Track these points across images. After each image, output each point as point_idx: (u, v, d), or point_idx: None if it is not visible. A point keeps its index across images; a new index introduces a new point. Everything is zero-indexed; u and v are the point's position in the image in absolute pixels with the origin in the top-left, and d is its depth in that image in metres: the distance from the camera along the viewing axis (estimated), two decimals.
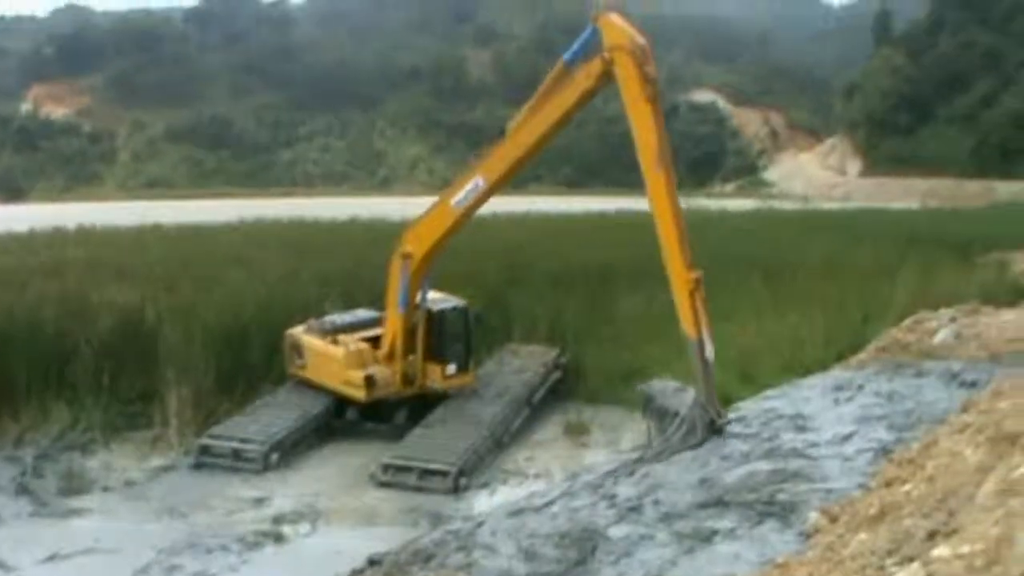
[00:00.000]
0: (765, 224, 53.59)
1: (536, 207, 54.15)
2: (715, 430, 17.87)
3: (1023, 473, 7.82)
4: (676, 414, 18.40)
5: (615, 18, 19.93)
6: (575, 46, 20.59)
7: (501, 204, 23.85)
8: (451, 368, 25.48)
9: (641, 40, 19.26)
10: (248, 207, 54.50)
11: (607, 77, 19.85)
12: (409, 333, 24.61)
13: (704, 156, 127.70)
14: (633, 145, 19.16)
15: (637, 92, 19.04)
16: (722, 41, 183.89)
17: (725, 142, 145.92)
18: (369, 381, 24.13)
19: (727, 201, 75.19)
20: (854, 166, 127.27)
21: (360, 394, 24.31)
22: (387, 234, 31.12)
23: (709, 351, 18.31)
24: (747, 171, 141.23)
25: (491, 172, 22.61)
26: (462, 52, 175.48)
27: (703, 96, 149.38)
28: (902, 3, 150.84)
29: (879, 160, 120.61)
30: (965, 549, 7.02)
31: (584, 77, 20.35)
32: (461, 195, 22.95)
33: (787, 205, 77.98)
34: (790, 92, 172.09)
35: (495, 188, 22.84)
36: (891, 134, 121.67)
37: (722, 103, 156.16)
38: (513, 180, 24.40)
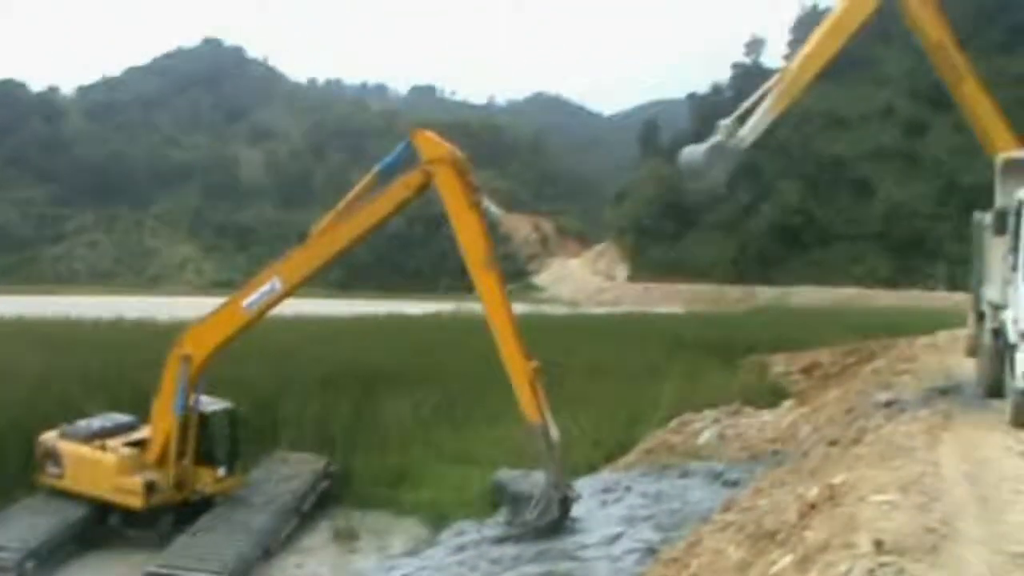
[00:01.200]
0: (535, 328, 54.26)
1: (306, 309, 53.57)
2: (567, 506, 18.83)
3: (781, 568, 8.07)
4: (530, 497, 19.13)
5: (430, 134, 20.97)
6: (389, 158, 21.52)
7: None
8: (221, 472, 24.85)
9: (459, 153, 20.51)
10: (9, 304, 52.54)
11: (424, 188, 20.73)
12: (182, 436, 23.90)
13: None
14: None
15: (462, 201, 20.25)
16: (493, 147, 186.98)
17: (495, 247, 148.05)
18: (150, 487, 23.15)
19: None
20: (622, 271, 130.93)
21: (137, 501, 23.11)
22: (154, 334, 30.32)
23: (554, 433, 19.23)
24: (517, 276, 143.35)
25: (290, 275, 22.56)
26: (234, 151, 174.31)
27: None
28: (668, 114, 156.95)
29: (646, 266, 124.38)
30: None
31: (402, 187, 21.08)
32: (254, 296, 22.65)
33: (557, 309, 79.34)
34: (560, 198, 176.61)
35: (291, 291, 22.81)
36: (657, 241, 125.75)
37: (493, 208, 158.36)
38: None
